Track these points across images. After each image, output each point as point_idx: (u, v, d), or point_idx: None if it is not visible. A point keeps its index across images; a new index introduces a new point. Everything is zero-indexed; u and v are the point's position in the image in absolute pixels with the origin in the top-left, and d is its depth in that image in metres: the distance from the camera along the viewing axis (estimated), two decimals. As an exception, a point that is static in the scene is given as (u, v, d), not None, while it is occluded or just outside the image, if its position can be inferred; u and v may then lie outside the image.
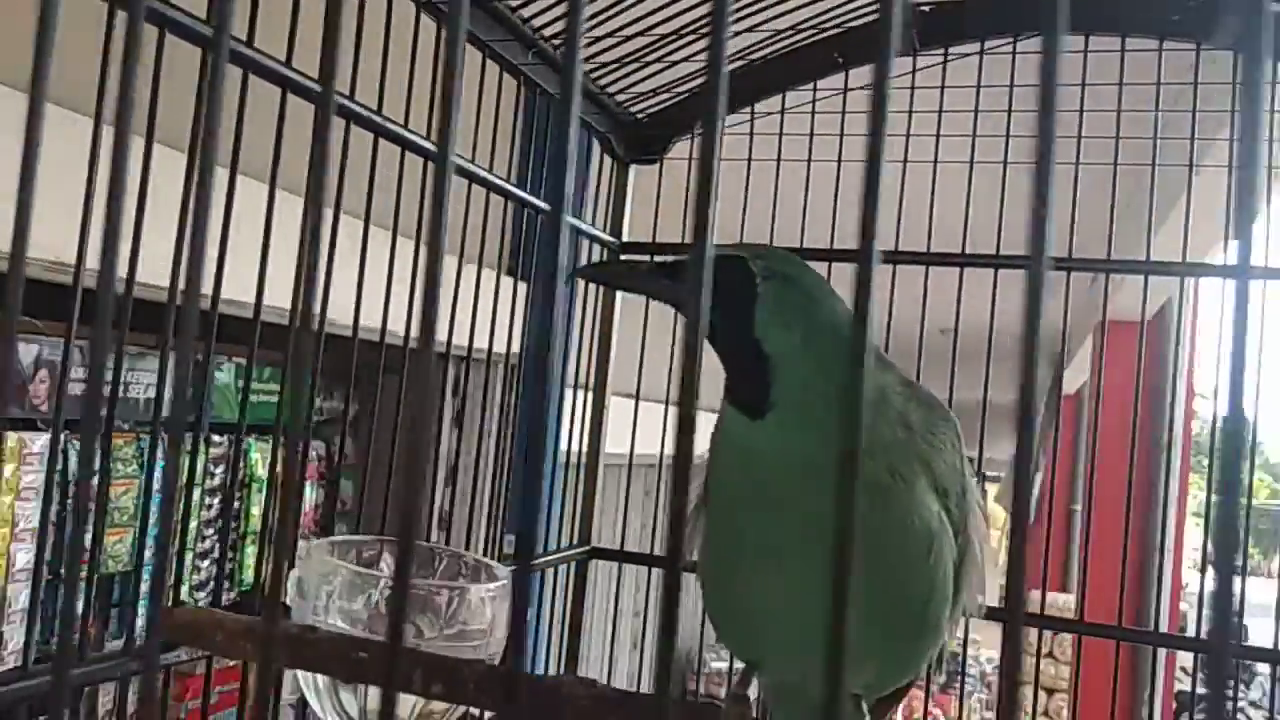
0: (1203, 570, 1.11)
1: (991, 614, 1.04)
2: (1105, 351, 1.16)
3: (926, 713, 1.14)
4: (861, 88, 1.15)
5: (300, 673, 0.66)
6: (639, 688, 0.69)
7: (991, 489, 8.11)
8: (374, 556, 0.74)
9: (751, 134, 1.21)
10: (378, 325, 0.90)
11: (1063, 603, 4.12)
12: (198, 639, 0.66)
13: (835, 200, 1.12)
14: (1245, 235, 0.22)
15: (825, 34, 1.14)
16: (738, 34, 1.09)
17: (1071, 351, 4.81)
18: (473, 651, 0.65)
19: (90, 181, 0.63)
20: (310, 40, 0.42)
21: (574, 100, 0.20)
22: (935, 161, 1.11)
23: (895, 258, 1.12)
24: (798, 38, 1.14)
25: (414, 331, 0.87)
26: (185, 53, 0.69)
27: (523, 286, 1.15)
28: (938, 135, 1.11)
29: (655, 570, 1.26)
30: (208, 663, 0.77)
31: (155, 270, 0.67)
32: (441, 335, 0.96)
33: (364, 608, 0.66)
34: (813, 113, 1.19)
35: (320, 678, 0.66)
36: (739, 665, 0.74)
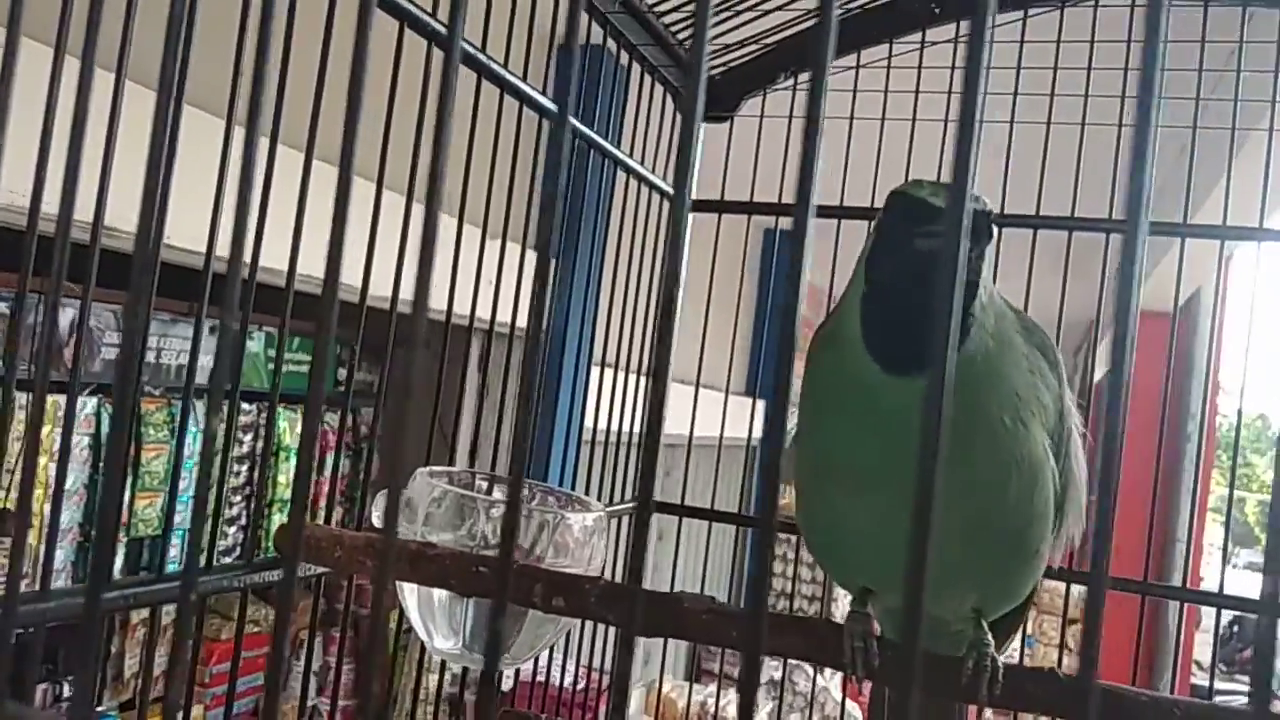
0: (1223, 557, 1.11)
1: (1074, 577, 1.06)
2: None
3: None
4: (939, 43, 1.15)
5: (410, 592, 0.69)
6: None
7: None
8: (467, 485, 0.76)
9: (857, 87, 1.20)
10: (404, 297, 0.91)
11: (1077, 593, 4.10)
12: (318, 555, 0.69)
13: (910, 156, 1.11)
14: None
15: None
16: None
17: (1095, 341, 4.77)
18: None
19: (110, 140, 0.64)
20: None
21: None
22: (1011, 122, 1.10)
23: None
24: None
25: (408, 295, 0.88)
26: (221, 10, 0.69)
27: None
28: (1015, 93, 1.10)
29: (714, 524, 1.32)
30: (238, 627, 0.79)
31: (192, 236, 0.68)
32: (465, 309, 0.97)
33: (468, 530, 0.68)
34: (888, 68, 1.17)
35: (438, 594, 0.68)
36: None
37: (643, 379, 1.30)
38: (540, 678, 1.59)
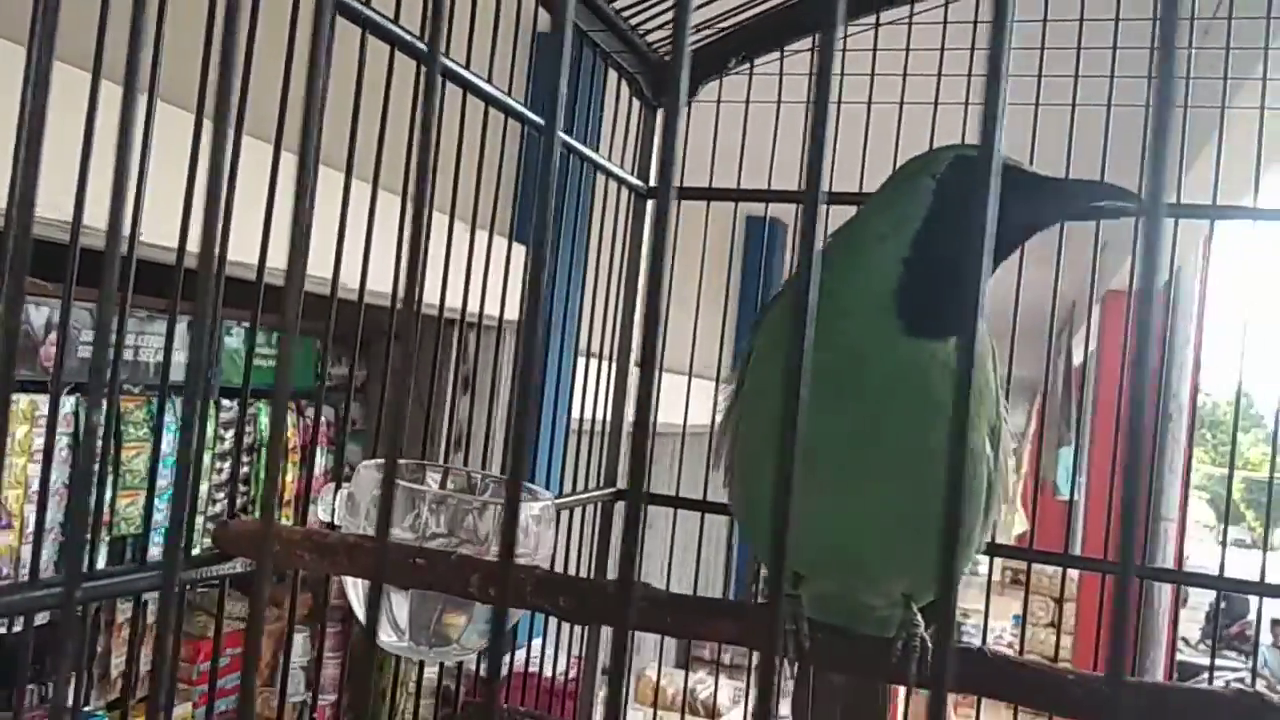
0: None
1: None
2: (1105, 322, 1.17)
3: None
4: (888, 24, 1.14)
5: (352, 585, 0.68)
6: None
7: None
8: (417, 479, 0.76)
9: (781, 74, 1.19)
10: (387, 290, 0.90)
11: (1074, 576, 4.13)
12: (255, 550, 0.68)
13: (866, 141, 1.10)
14: None
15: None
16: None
17: (1077, 323, 4.80)
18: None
19: (88, 138, 0.62)
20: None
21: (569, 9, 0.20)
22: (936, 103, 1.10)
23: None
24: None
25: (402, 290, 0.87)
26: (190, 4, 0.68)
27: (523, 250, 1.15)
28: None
29: (679, 511, 1.32)
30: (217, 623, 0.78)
31: (165, 232, 0.67)
32: (451, 301, 0.96)
33: (412, 523, 0.68)
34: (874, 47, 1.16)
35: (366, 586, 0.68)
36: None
37: (607, 366, 1.30)
38: (533, 668, 1.59)
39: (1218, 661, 1.32)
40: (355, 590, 0.70)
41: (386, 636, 0.70)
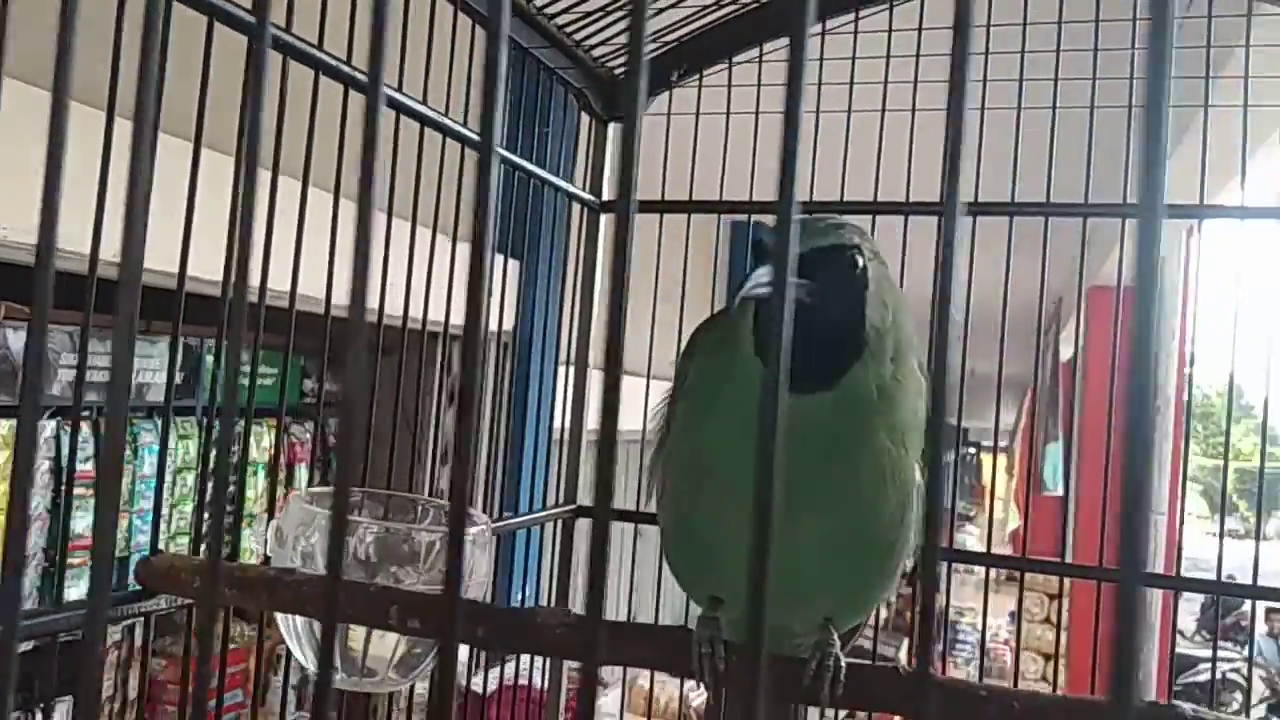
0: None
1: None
2: (1090, 316, 1.17)
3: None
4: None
5: (281, 618, 0.68)
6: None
7: (998, 460, 8.14)
8: (355, 504, 0.75)
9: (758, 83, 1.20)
10: (373, 305, 0.89)
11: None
12: (176, 585, 0.68)
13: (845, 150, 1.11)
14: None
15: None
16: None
17: (1064, 319, 4.81)
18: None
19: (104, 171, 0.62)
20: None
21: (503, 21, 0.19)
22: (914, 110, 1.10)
23: (876, 208, 1.12)
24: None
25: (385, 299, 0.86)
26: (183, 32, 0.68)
27: (514, 264, 1.14)
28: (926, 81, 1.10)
29: (641, 525, 1.28)
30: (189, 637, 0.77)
31: (160, 256, 0.66)
32: (434, 314, 0.95)
33: (344, 553, 0.66)
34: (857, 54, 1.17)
35: (299, 620, 0.67)
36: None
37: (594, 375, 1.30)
38: (523, 681, 1.57)
39: (1210, 653, 1.32)
40: (285, 625, 0.69)
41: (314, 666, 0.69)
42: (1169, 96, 0.21)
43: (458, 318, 0.98)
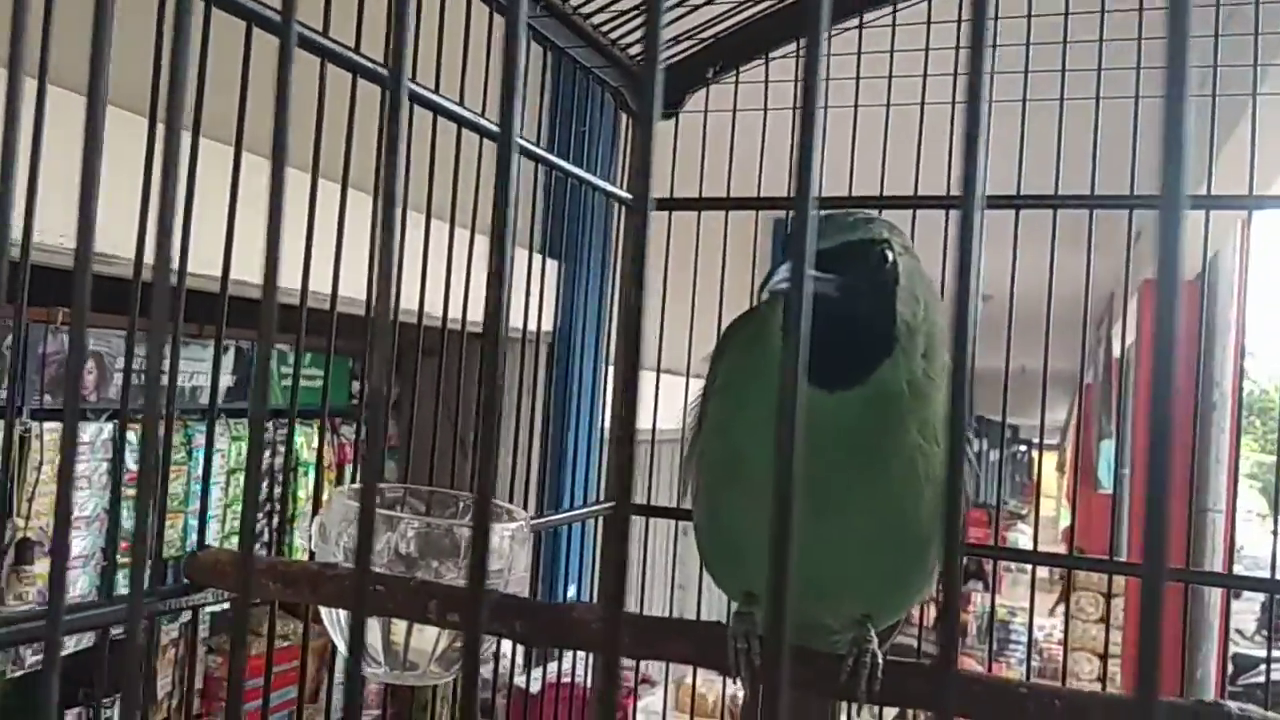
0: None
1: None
2: (1143, 310, 1.15)
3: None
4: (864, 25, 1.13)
5: (326, 612, 0.69)
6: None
7: (1050, 457, 8.03)
8: (396, 500, 0.77)
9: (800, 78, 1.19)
10: (414, 308, 0.91)
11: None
12: (220, 578, 0.69)
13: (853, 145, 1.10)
14: None
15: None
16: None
17: (1117, 312, 4.72)
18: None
19: (148, 176, 0.63)
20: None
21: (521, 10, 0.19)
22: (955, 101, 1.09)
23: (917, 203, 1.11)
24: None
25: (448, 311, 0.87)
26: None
27: (553, 265, 1.15)
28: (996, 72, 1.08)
29: (683, 522, 1.28)
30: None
31: (204, 259, 0.68)
32: (473, 315, 0.96)
33: (385, 548, 0.68)
34: (892, 48, 1.16)
35: (342, 615, 0.68)
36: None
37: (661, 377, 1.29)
38: (565, 679, 1.58)
39: (1273, 653, 1.29)
40: (329, 618, 0.70)
41: (366, 667, 0.70)
42: (1189, 81, 0.21)
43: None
